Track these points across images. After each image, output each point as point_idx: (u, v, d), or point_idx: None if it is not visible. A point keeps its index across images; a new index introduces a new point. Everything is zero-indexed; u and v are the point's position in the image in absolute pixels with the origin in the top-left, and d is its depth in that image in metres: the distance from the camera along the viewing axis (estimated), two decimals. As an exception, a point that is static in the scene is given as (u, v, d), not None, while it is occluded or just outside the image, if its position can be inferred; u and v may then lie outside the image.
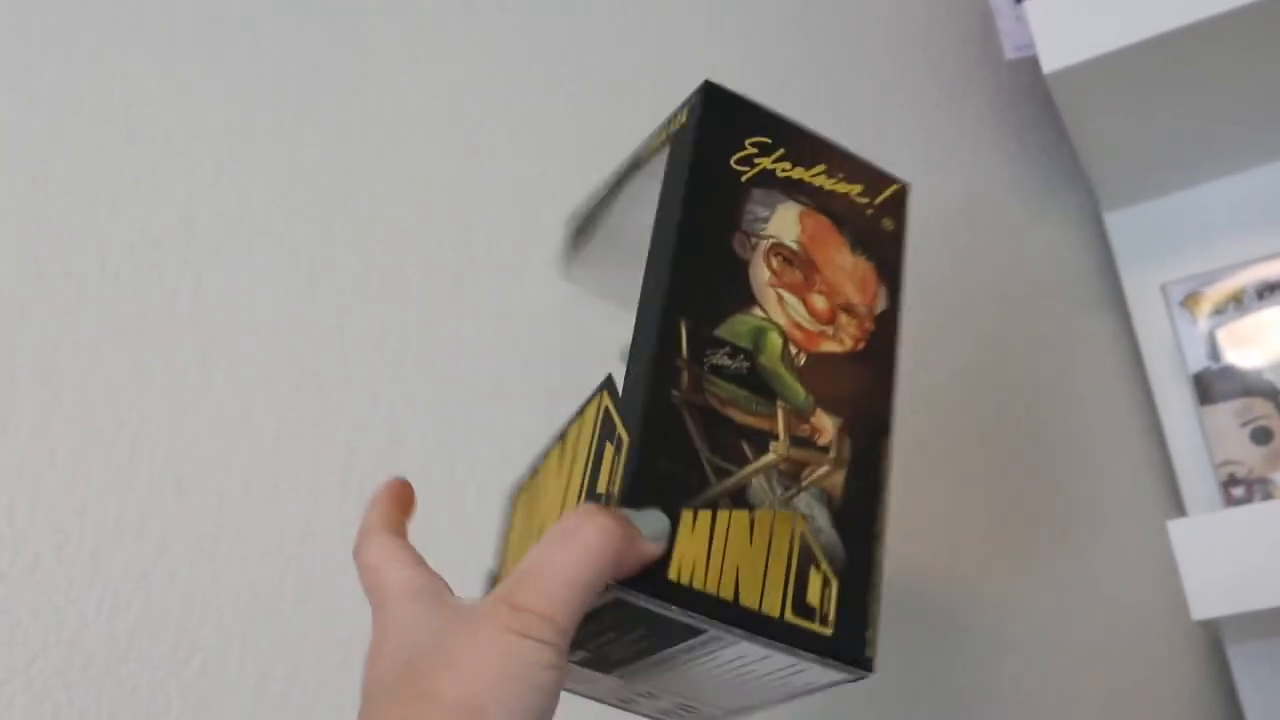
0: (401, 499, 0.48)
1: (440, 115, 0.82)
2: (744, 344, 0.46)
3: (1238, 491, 0.79)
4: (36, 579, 0.62)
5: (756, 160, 0.50)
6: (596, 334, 0.81)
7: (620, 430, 0.44)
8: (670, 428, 0.43)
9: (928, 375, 0.89)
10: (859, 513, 0.46)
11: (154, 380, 0.68)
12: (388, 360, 0.75)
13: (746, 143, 0.50)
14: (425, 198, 0.79)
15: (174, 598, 0.64)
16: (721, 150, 0.49)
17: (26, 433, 0.64)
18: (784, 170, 0.50)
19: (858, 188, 0.52)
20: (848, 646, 0.44)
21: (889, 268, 0.51)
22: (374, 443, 0.72)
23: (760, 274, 0.48)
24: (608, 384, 0.47)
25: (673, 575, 0.41)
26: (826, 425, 0.46)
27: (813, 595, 0.43)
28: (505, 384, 0.78)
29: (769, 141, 0.51)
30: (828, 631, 0.43)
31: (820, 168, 0.51)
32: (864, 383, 0.48)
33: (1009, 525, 0.89)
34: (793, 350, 0.47)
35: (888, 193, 0.53)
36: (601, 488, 0.43)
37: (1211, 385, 0.81)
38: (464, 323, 0.78)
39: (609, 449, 0.44)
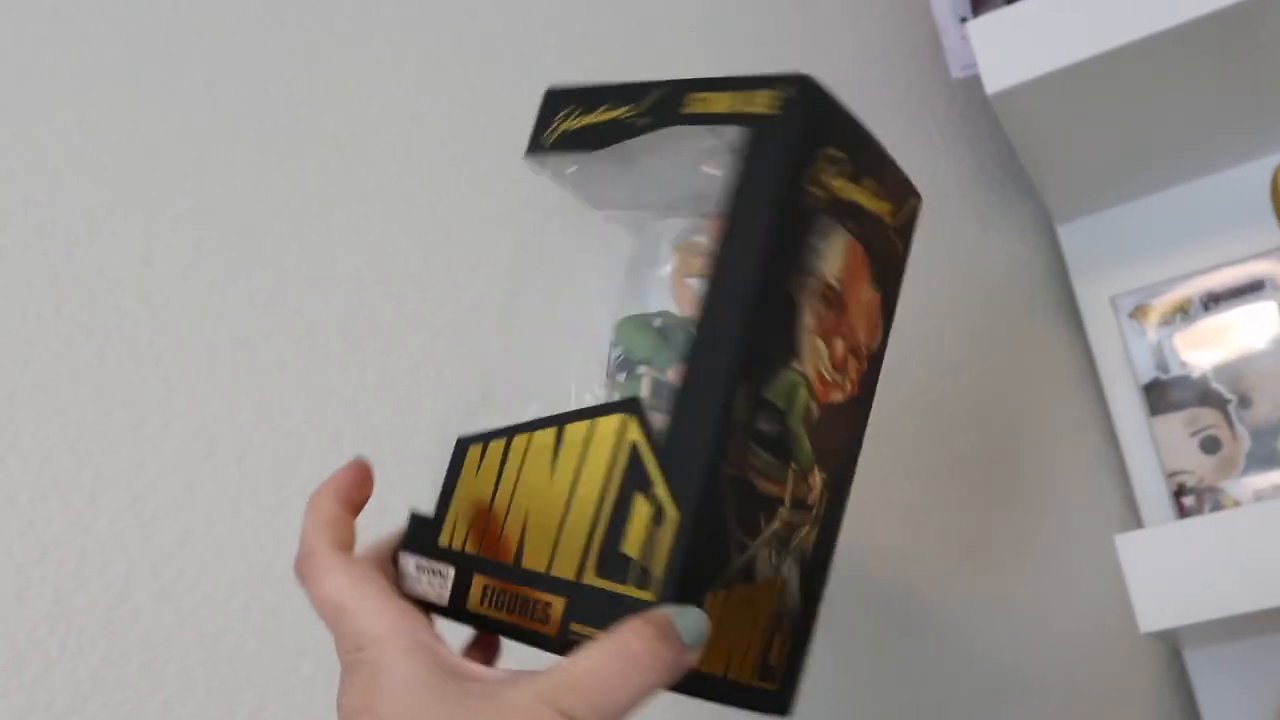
0: (351, 491, 0.44)
1: (398, 151, 0.82)
2: (780, 403, 0.41)
3: (1188, 501, 0.80)
4: (-1, 624, 0.62)
5: (824, 179, 0.42)
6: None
7: (662, 494, 0.39)
8: (717, 508, 0.39)
9: (882, 386, 0.90)
10: (819, 566, 0.43)
11: (114, 421, 0.68)
12: (348, 397, 0.75)
13: (822, 157, 0.42)
14: (385, 234, 0.80)
15: (137, 637, 0.65)
16: (802, 168, 0.42)
17: (-14, 477, 0.64)
18: (841, 188, 0.43)
19: (889, 207, 0.45)
20: (784, 698, 0.42)
21: (890, 301, 0.45)
22: (335, 476, 0.73)
23: (806, 320, 0.42)
24: (634, 407, 0.41)
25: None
26: (817, 483, 0.43)
27: (774, 657, 0.42)
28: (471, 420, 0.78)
29: (843, 155, 0.43)
30: (774, 687, 0.42)
31: (870, 182, 0.44)
32: (850, 429, 0.44)
33: (968, 536, 0.90)
34: (812, 406, 0.42)
35: (905, 210, 0.46)
36: (631, 551, 0.39)
37: (1161, 396, 0.82)
38: (426, 358, 0.78)
39: (643, 507, 0.39)
